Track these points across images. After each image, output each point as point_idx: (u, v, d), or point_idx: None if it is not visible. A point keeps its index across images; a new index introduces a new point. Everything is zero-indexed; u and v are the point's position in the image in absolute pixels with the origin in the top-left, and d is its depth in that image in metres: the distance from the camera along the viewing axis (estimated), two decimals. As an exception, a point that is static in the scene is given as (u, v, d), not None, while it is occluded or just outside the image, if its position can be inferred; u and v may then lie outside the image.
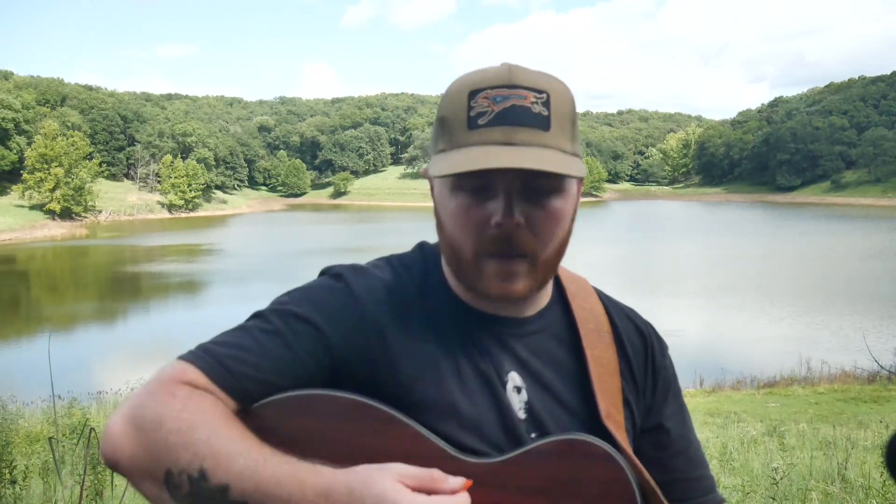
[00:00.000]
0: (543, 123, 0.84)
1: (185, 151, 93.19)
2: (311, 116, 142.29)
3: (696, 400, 11.53)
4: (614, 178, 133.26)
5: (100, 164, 78.78)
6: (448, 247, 0.91)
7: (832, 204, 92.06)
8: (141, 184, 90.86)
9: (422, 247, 1.02)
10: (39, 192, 68.91)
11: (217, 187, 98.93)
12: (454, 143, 0.86)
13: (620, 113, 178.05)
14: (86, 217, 72.73)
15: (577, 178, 0.87)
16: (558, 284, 1.02)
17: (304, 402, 0.86)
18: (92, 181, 72.94)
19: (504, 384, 0.92)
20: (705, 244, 45.43)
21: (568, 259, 0.96)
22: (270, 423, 0.85)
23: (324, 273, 0.97)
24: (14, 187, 71.61)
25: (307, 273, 0.98)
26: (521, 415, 0.91)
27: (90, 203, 73.25)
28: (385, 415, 0.86)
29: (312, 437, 0.85)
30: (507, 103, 0.84)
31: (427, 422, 0.87)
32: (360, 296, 0.91)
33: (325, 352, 0.88)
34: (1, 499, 3.77)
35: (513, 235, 0.86)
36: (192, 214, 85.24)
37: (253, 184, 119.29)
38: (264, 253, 42.40)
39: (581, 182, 0.92)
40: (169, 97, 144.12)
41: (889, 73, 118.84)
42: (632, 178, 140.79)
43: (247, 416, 0.85)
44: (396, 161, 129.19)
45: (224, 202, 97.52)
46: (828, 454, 5.66)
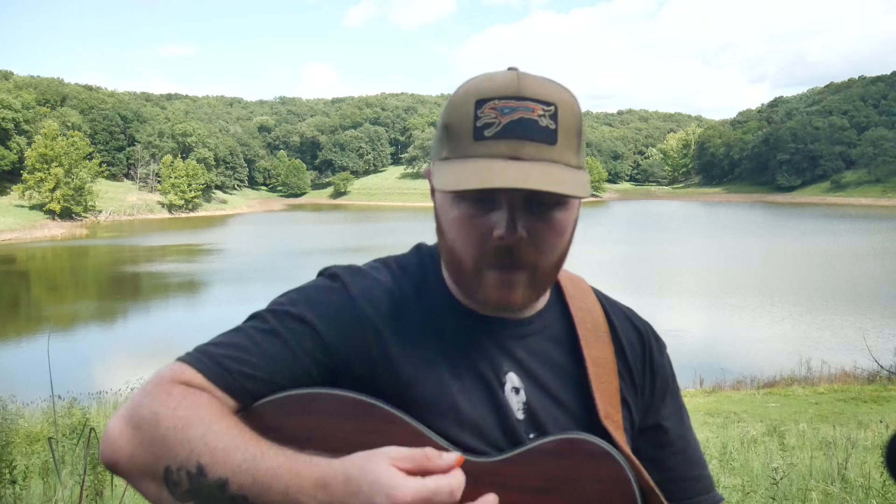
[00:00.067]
0: (550, 137, 0.83)
1: (185, 151, 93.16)
2: (311, 116, 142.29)
3: (696, 400, 11.53)
4: (614, 178, 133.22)
5: (100, 164, 78.77)
6: (448, 254, 0.91)
7: (832, 204, 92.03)
8: (141, 184, 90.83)
9: (419, 248, 1.02)
10: (39, 192, 68.83)
11: (217, 187, 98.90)
12: (459, 153, 0.85)
13: (620, 113, 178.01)
14: (86, 217, 72.67)
15: (582, 197, 0.85)
16: (556, 285, 1.02)
17: (304, 401, 0.86)
18: (92, 181, 72.88)
19: (502, 385, 0.92)
20: (705, 244, 45.37)
21: (568, 259, 0.96)
22: (270, 421, 0.85)
23: (321, 274, 0.97)
24: (14, 187, 71.55)
25: (307, 273, 0.98)
26: (520, 415, 0.91)
27: (90, 203, 73.20)
28: (385, 413, 0.86)
29: (312, 436, 0.85)
30: (515, 115, 0.83)
31: (425, 422, 0.87)
32: (358, 297, 0.91)
33: (323, 352, 0.88)
34: (1, 499, 3.77)
35: (515, 248, 0.85)
36: (192, 214, 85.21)
37: (253, 184, 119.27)
38: (264, 253, 42.31)
39: None
40: (169, 97, 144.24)
41: (889, 73, 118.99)
42: (632, 178, 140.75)
43: (246, 415, 0.85)
44: (396, 161, 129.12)
45: (224, 202, 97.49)
46: (828, 454, 5.66)
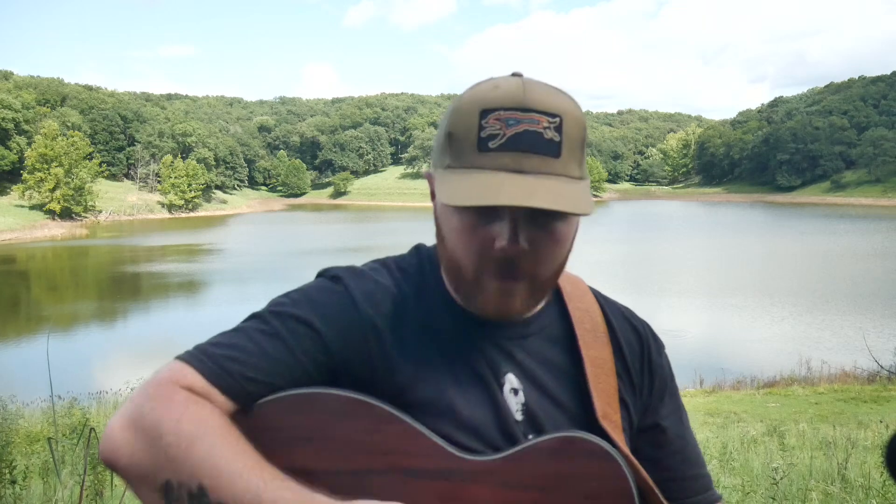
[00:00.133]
0: (554, 150, 0.83)
1: (185, 151, 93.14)
2: (311, 116, 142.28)
3: (696, 400, 11.51)
4: (614, 178, 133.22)
5: (100, 164, 78.73)
6: (448, 260, 0.91)
7: (832, 204, 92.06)
8: (141, 184, 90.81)
9: (419, 249, 1.01)
10: (39, 192, 68.83)
11: (217, 187, 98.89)
12: (462, 163, 0.85)
13: (620, 113, 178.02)
14: (86, 217, 72.68)
15: (586, 215, 0.85)
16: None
17: (304, 400, 0.86)
18: (92, 181, 72.88)
19: (501, 386, 0.92)
20: (705, 244, 45.41)
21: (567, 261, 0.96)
22: (270, 421, 0.85)
23: (321, 275, 0.96)
24: (14, 187, 71.53)
25: (307, 273, 0.98)
26: (518, 416, 0.91)
27: (90, 203, 73.19)
28: (384, 412, 0.86)
29: (312, 435, 0.85)
30: (519, 128, 0.83)
31: (424, 422, 0.87)
32: (359, 298, 0.91)
33: (324, 353, 0.88)
34: (1, 499, 3.77)
35: (516, 259, 0.85)
36: (192, 214, 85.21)
37: (253, 184, 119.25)
38: (264, 253, 42.34)
39: None
40: (169, 97, 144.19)
41: (889, 73, 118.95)
42: (632, 178, 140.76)
43: (246, 415, 0.85)
44: (396, 161, 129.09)
45: (224, 202, 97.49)
46: (828, 454, 5.66)
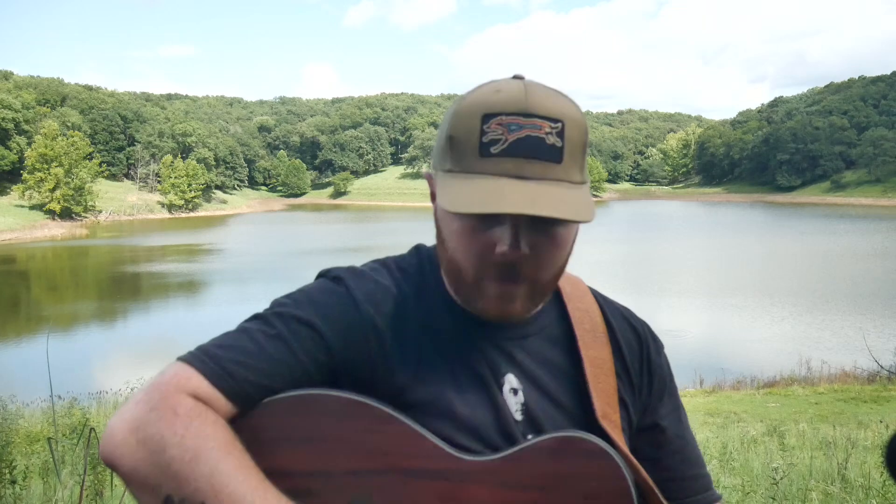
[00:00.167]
0: (556, 156, 0.83)
1: (185, 151, 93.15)
2: (311, 116, 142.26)
3: (696, 400, 11.50)
4: (614, 178, 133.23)
5: (100, 164, 78.74)
6: (448, 263, 0.91)
7: (832, 204, 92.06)
8: (141, 184, 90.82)
9: (418, 249, 1.01)
10: (39, 192, 68.83)
11: (217, 187, 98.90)
12: (464, 168, 0.85)
13: (620, 113, 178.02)
14: (86, 217, 72.68)
15: (588, 222, 0.84)
16: None
17: (304, 401, 0.86)
18: (92, 181, 72.89)
19: (500, 386, 0.92)
20: (705, 244, 45.41)
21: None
22: (270, 422, 0.85)
23: (322, 275, 0.96)
24: (14, 187, 71.53)
25: (307, 273, 0.98)
26: (518, 416, 0.92)
27: (90, 203, 73.20)
28: (383, 413, 0.86)
29: (311, 436, 0.85)
30: (522, 133, 0.83)
31: (423, 423, 0.87)
32: (360, 299, 0.91)
33: (326, 354, 0.88)
34: (1, 499, 3.77)
35: (517, 264, 0.85)
36: (192, 214, 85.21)
37: (253, 184, 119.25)
38: (264, 253, 42.34)
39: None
40: (169, 97, 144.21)
41: (889, 73, 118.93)
42: (632, 178, 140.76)
43: (247, 415, 0.85)
44: (396, 161, 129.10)
45: (224, 202, 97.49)
46: (828, 454, 5.66)
